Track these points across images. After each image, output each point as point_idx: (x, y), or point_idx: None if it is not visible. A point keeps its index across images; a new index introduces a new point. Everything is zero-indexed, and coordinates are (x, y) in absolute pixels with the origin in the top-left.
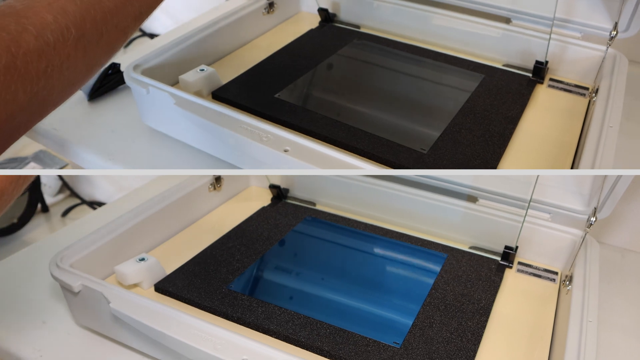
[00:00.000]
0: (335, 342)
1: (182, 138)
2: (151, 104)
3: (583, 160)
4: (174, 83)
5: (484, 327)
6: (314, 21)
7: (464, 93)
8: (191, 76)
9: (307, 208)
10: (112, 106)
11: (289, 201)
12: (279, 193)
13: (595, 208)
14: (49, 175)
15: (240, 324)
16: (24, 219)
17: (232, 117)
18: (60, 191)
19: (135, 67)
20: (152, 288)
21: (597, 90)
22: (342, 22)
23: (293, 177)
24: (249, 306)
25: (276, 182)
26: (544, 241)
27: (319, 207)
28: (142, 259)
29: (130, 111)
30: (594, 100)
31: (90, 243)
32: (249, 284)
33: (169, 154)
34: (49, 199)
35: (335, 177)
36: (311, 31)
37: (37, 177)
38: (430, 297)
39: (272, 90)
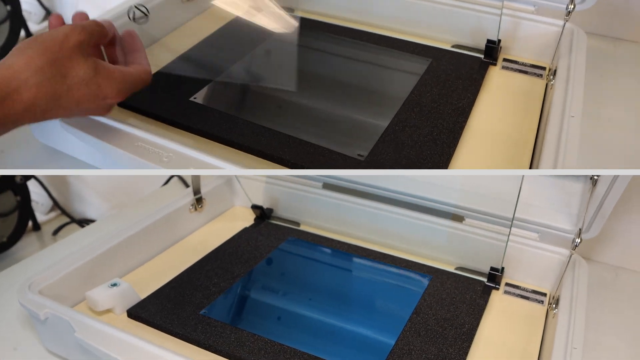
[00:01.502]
0: None
1: (77, 155)
2: None
3: (543, 161)
4: None
5: (466, 353)
6: None
7: (409, 82)
8: None
9: (291, 229)
10: None
11: (273, 221)
12: (262, 213)
13: (580, 229)
14: (41, 193)
15: (211, 351)
16: (14, 238)
17: (125, 133)
18: (52, 209)
19: None
20: (126, 314)
21: (555, 72)
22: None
23: (277, 197)
24: (222, 333)
25: (259, 202)
26: (533, 261)
27: (303, 227)
28: (115, 284)
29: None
30: (552, 84)
31: (62, 268)
32: (224, 309)
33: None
34: (41, 217)
35: (320, 197)
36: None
37: (28, 195)
38: (411, 322)
39: (187, 93)
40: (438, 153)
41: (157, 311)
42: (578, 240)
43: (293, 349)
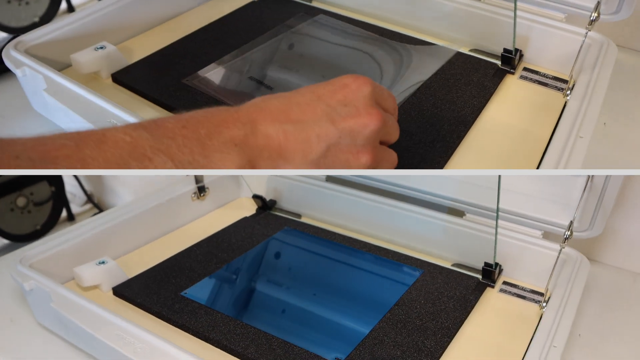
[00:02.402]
0: (273, 355)
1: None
2: (31, 89)
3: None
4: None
5: (444, 348)
6: None
7: (415, 81)
8: (85, 55)
9: (289, 219)
10: (8, 87)
11: (274, 212)
12: (264, 204)
13: (571, 221)
14: (77, 185)
15: (184, 330)
16: (47, 227)
17: (106, 110)
18: (87, 202)
19: (19, 44)
20: (112, 291)
21: (574, 86)
22: None
23: (281, 189)
24: (197, 314)
25: (263, 194)
26: (534, 260)
27: (304, 219)
28: (102, 262)
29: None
30: (568, 100)
31: (54, 246)
32: (205, 291)
33: None
34: (76, 209)
35: (323, 189)
36: (252, 3)
37: (62, 185)
38: (391, 314)
39: (182, 74)
40: (428, 162)
41: (141, 290)
42: (568, 232)
43: (263, 332)
